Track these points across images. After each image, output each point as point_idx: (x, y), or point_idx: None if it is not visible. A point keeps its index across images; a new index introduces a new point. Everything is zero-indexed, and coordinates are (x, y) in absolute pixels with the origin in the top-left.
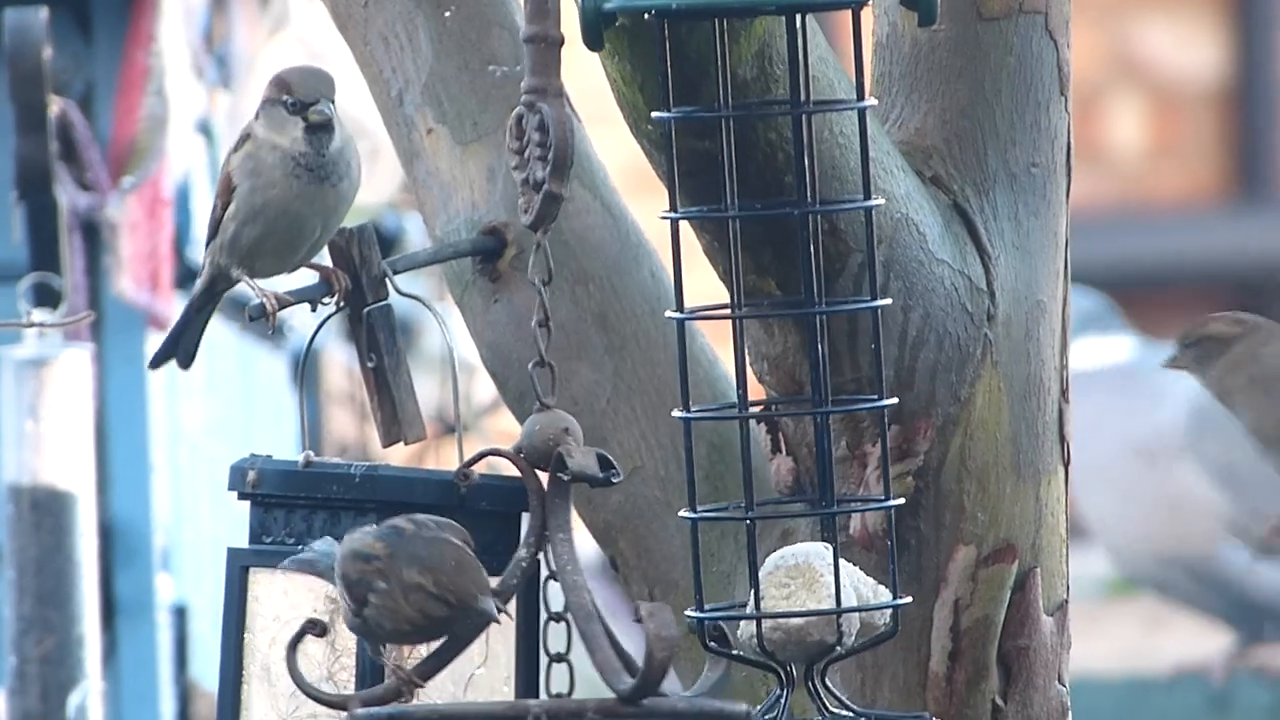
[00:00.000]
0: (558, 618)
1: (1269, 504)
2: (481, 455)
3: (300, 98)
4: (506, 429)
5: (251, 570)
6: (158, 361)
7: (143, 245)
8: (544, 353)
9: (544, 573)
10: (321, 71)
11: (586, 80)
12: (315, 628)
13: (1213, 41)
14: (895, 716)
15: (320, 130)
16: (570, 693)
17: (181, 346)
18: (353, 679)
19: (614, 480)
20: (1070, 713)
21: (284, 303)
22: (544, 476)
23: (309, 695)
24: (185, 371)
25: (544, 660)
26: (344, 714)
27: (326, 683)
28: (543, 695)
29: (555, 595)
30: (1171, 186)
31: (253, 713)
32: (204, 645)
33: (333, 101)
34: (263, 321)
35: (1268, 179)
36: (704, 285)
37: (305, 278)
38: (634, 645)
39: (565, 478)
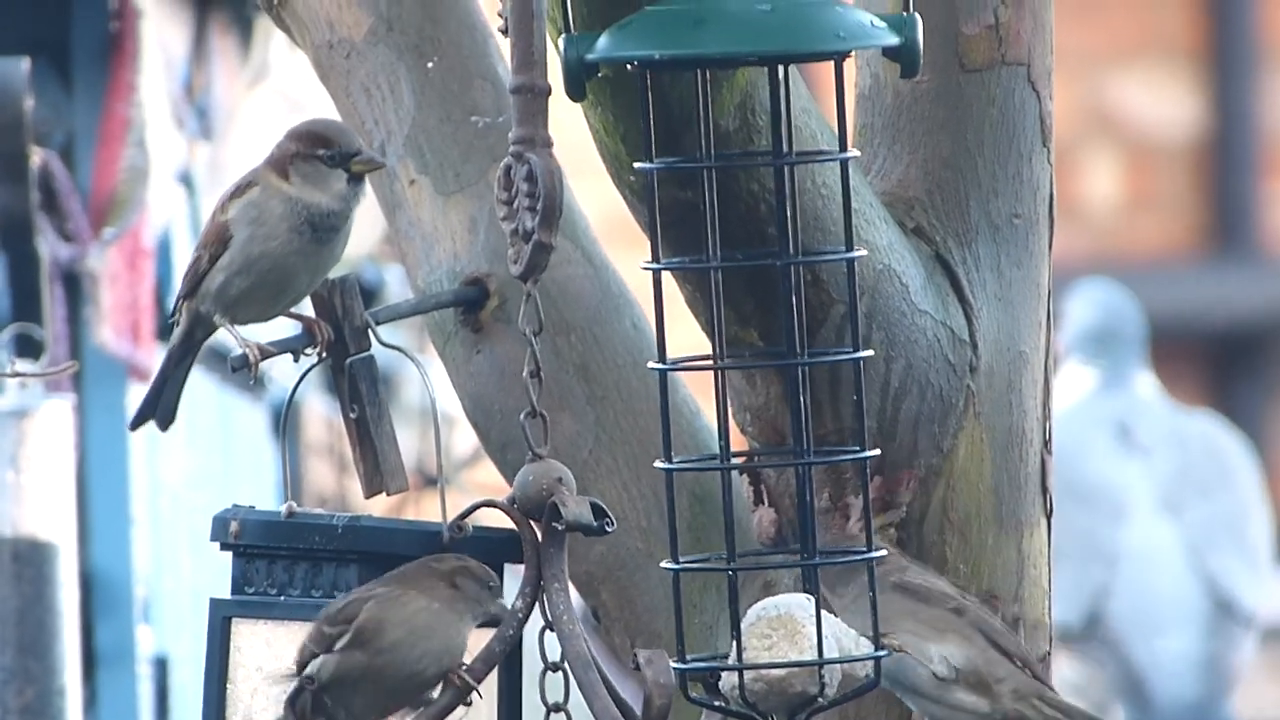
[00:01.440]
0: (555, 667)
1: None
2: (475, 507)
3: (343, 149)
4: (486, 480)
5: (234, 621)
6: (137, 422)
7: (124, 296)
8: (535, 403)
9: (540, 623)
10: (343, 124)
11: (567, 133)
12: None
13: (1188, 95)
14: None
15: (361, 181)
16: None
17: (161, 405)
18: None
19: (609, 529)
20: None
21: (266, 353)
22: (538, 526)
23: None
24: (164, 433)
25: (542, 710)
26: None
27: None
28: None
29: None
30: (1147, 240)
31: None
32: (185, 696)
33: None
34: (244, 373)
35: (1244, 232)
36: (686, 337)
37: (288, 328)
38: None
39: (560, 527)
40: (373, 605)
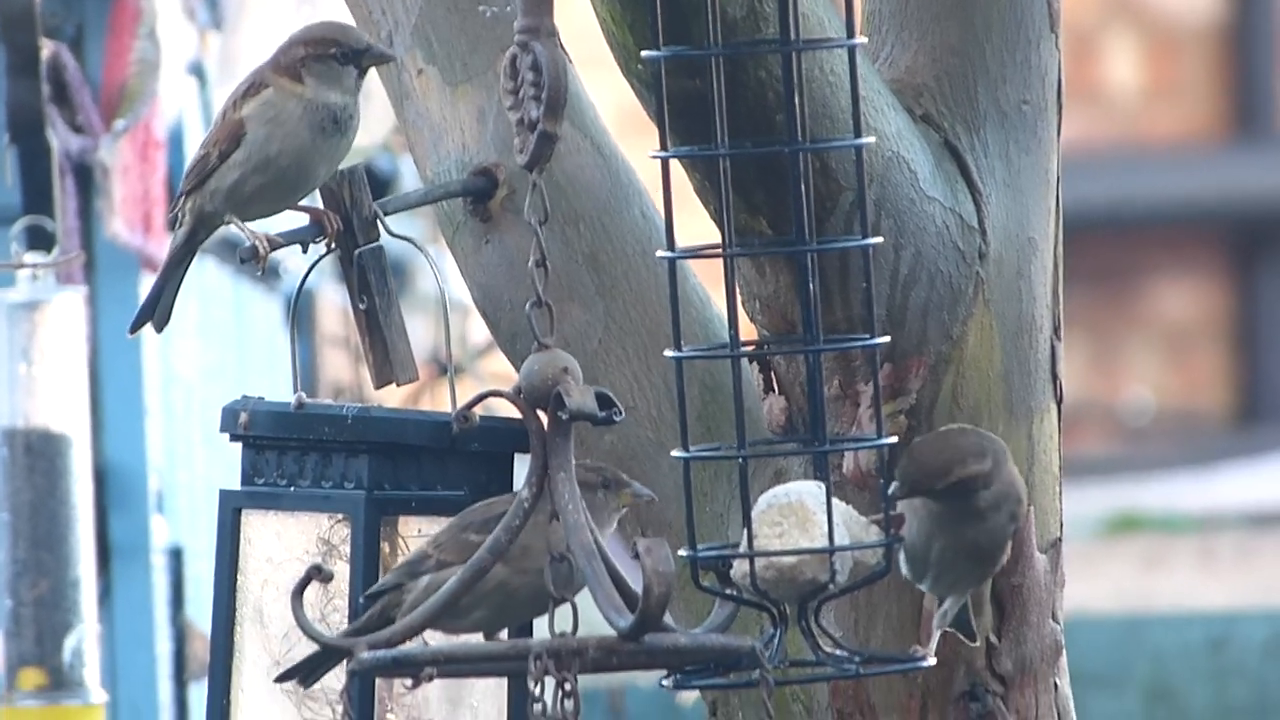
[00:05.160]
0: (560, 557)
1: None
2: (481, 397)
3: (353, 46)
4: (501, 371)
5: (244, 512)
6: (136, 326)
7: (135, 188)
8: (541, 293)
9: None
10: (345, 23)
11: (578, 22)
12: (320, 573)
13: None
14: (889, 656)
15: (364, 73)
16: (574, 632)
17: (160, 306)
18: (345, 620)
19: (616, 419)
20: (1064, 650)
21: (275, 245)
22: (544, 416)
23: (315, 641)
24: (159, 334)
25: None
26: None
27: (319, 624)
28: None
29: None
30: (1168, 125)
31: (245, 654)
32: (200, 587)
33: None
34: (253, 264)
35: (1265, 117)
36: (695, 227)
37: (296, 220)
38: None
39: (565, 417)
40: (531, 528)
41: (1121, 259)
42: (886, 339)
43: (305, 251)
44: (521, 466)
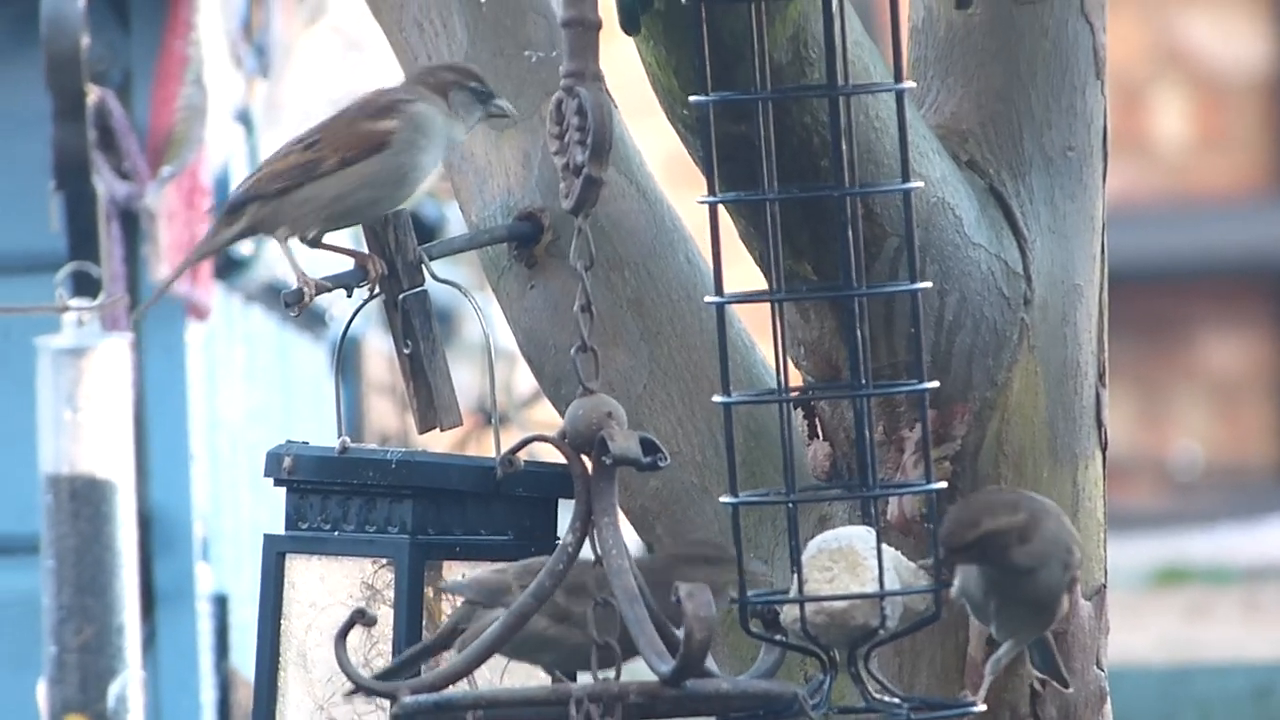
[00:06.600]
0: (604, 602)
1: None
2: (526, 441)
3: (489, 89)
4: (547, 420)
5: (288, 556)
6: (142, 310)
7: (181, 234)
8: (586, 338)
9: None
10: None
11: (625, 71)
12: (363, 617)
13: (1257, 33)
14: (938, 702)
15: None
16: (616, 676)
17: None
18: (388, 665)
19: (660, 464)
20: (1109, 697)
21: (321, 289)
22: (588, 461)
23: (358, 685)
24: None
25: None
26: (382, 700)
27: (363, 669)
28: (585, 679)
29: None
30: (1217, 178)
31: (289, 699)
32: (245, 634)
33: None
34: (296, 307)
35: None
36: (739, 276)
37: (341, 263)
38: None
39: (609, 462)
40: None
41: (1170, 311)
42: (935, 384)
43: (350, 296)
44: (566, 512)
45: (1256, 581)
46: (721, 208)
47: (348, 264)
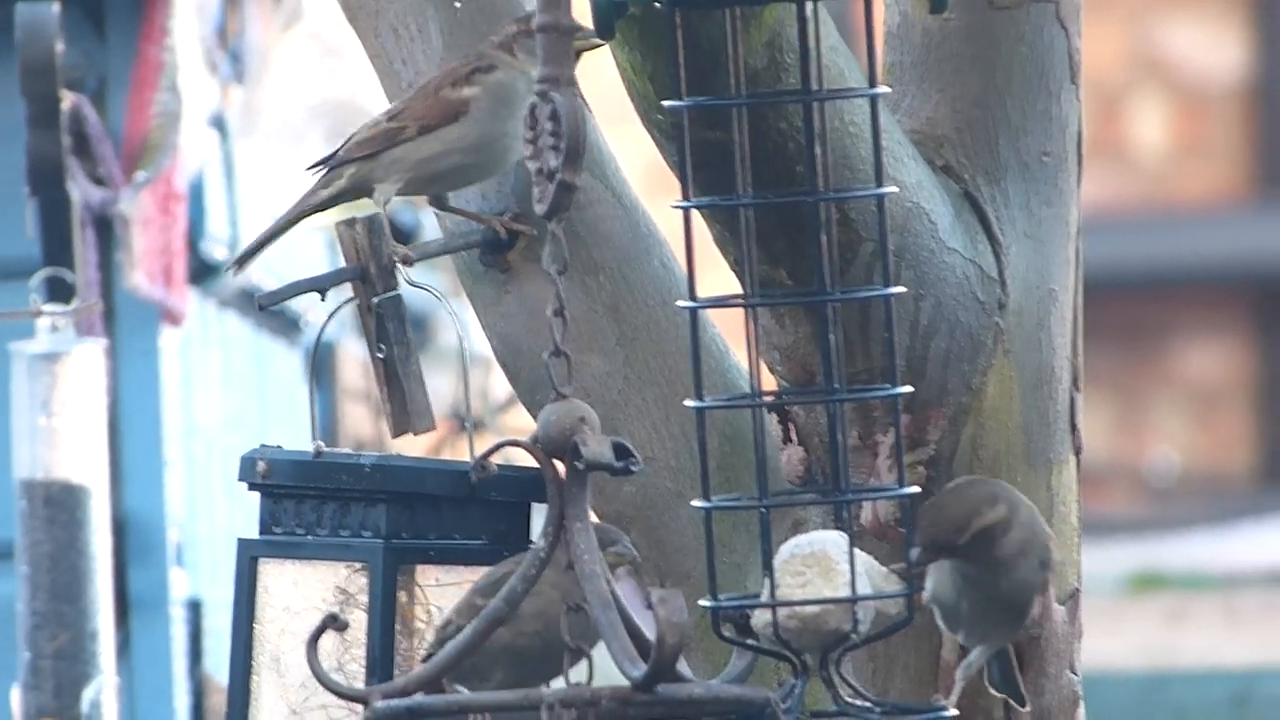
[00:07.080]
0: (576, 608)
1: None
2: (499, 446)
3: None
4: (523, 425)
5: (261, 561)
6: (240, 264)
7: (156, 240)
8: (559, 342)
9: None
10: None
11: (601, 80)
12: (335, 622)
13: (1236, 41)
14: (910, 706)
15: None
16: (588, 682)
17: (258, 250)
18: (362, 670)
19: (633, 469)
20: (1082, 702)
21: (296, 289)
22: (561, 466)
23: (330, 690)
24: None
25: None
26: (354, 705)
27: (336, 673)
28: (559, 684)
29: None
30: (1195, 186)
31: (262, 703)
32: (219, 640)
33: None
34: (283, 313)
35: None
36: (712, 279)
37: (316, 266)
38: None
39: (581, 466)
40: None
41: (1148, 319)
42: (908, 389)
43: (323, 299)
44: (539, 516)
45: (1233, 588)
46: (696, 213)
47: (323, 267)
